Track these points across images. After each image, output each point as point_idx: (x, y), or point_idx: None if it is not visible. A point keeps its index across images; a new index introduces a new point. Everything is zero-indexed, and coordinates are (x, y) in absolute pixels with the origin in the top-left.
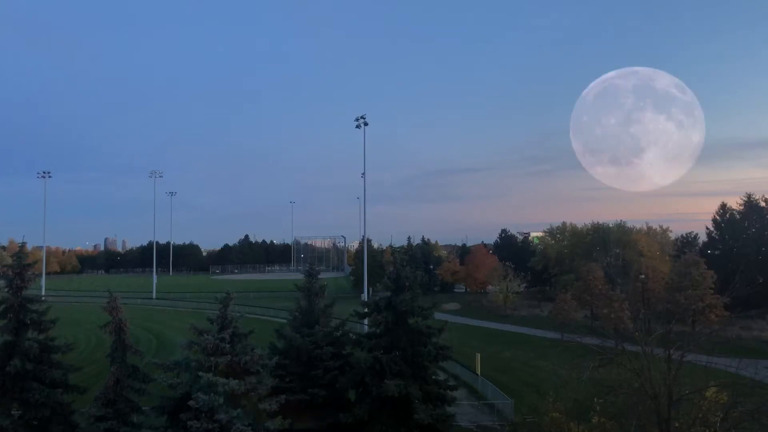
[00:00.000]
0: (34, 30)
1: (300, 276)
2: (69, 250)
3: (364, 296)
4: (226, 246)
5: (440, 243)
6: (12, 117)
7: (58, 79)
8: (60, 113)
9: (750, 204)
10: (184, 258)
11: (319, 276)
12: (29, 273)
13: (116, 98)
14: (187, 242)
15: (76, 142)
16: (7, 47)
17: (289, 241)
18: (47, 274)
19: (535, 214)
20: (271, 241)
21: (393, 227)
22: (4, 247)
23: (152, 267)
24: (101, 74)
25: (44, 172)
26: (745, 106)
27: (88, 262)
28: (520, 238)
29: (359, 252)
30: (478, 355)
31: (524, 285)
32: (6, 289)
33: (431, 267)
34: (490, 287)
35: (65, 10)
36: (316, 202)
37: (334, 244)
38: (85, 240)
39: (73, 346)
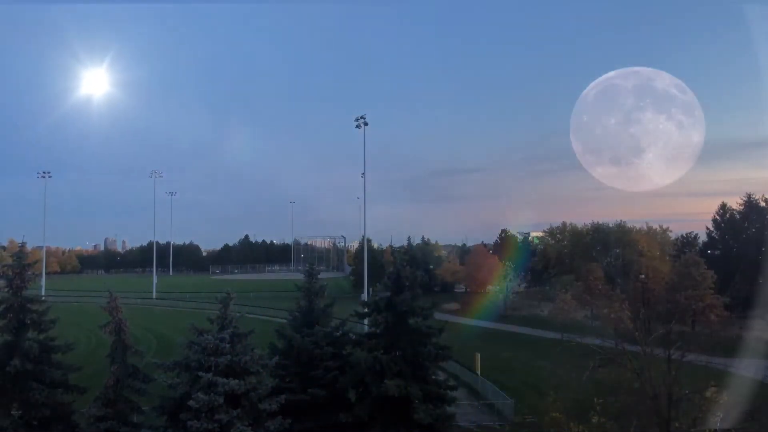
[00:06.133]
0: (34, 29)
1: (300, 276)
2: (69, 250)
3: (364, 296)
4: (226, 246)
5: (440, 243)
6: (12, 117)
7: (58, 79)
8: (60, 113)
9: (750, 204)
10: (184, 258)
11: (319, 276)
12: (29, 273)
13: (116, 98)
14: (187, 242)
15: (76, 142)
16: (7, 46)
17: (289, 241)
18: (47, 274)
19: (535, 214)
20: (271, 241)
21: (393, 227)
22: (4, 247)
23: (152, 267)
24: (101, 73)
25: (44, 172)
26: (745, 106)
27: (88, 262)
28: (520, 238)
29: (359, 252)
30: (478, 355)
31: (524, 285)
32: (6, 289)
33: (431, 267)
34: (490, 287)
35: (65, 10)
36: (316, 202)
37: (334, 244)
38: (85, 240)
39: (73, 346)
